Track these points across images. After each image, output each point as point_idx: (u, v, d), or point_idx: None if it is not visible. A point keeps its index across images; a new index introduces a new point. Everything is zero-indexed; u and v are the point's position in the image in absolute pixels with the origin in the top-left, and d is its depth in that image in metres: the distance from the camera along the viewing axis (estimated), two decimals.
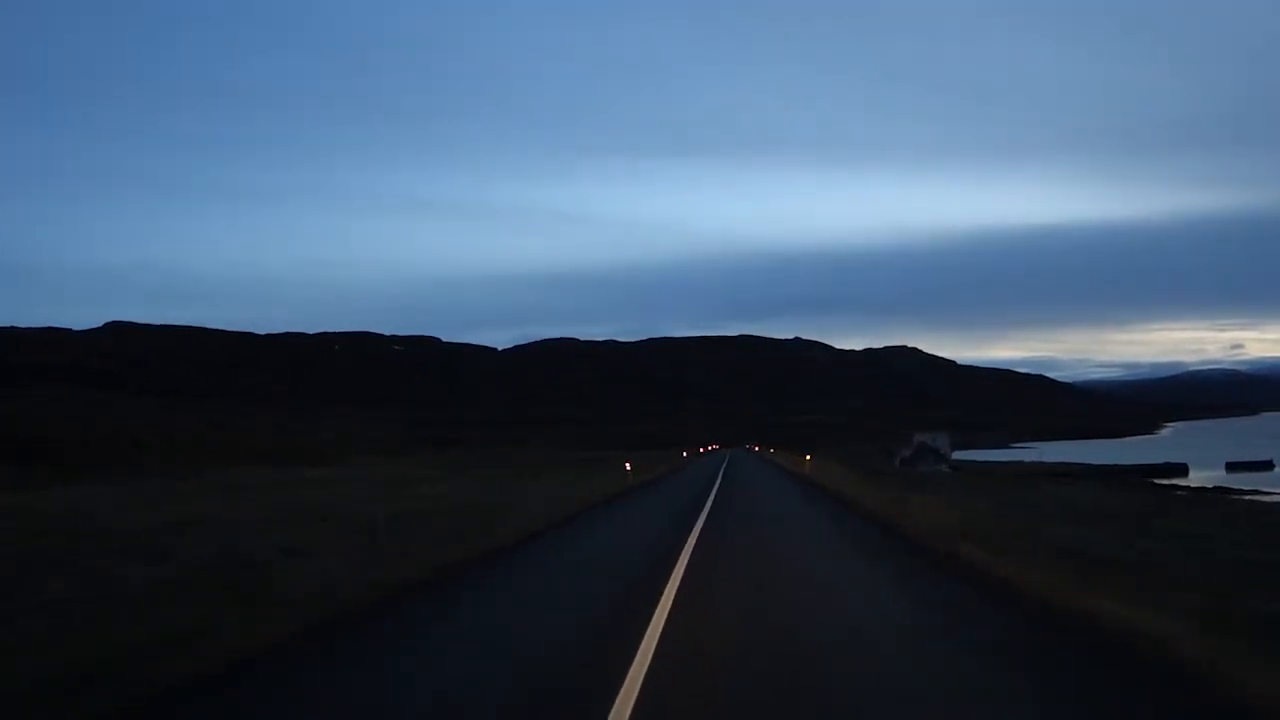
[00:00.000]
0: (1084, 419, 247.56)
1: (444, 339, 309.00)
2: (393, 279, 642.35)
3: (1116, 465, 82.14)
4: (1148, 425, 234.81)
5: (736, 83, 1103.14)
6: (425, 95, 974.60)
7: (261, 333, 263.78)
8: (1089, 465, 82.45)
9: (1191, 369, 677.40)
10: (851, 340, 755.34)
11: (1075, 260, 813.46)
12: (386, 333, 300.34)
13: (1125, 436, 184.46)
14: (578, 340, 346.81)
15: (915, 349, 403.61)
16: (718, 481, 37.54)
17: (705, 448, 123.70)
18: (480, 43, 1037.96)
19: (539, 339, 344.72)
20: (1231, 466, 75.83)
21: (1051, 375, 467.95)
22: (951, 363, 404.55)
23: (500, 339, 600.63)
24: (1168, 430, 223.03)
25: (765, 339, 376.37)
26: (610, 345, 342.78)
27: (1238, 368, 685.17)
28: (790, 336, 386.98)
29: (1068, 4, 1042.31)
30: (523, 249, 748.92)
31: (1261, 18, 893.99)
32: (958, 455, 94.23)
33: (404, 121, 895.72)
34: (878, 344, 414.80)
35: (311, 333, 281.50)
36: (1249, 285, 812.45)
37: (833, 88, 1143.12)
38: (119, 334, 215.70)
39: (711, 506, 24.47)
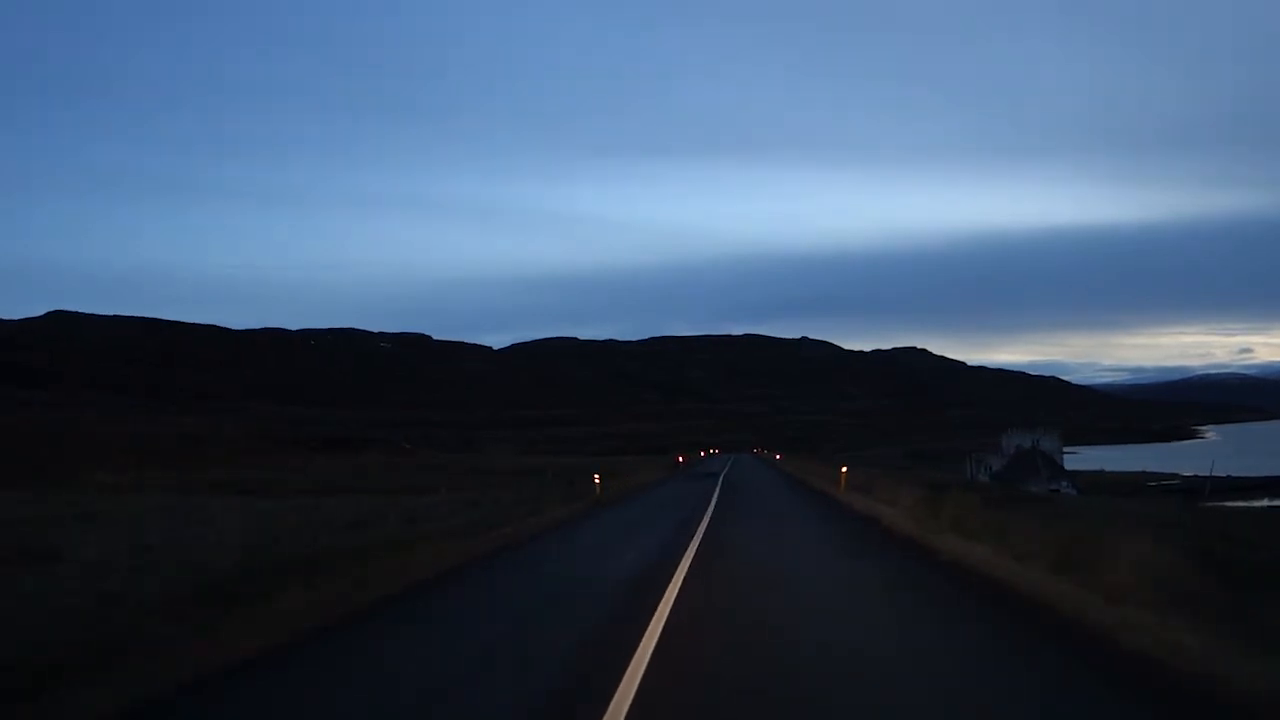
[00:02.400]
0: (1110, 422, 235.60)
1: (435, 337, 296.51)
2: (389, 280, 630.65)
3: (1221, 476, 67.10)
4: (1183, 429, 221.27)
5: (740, 83, 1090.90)
6: (424, 94, 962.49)
7: (239, 328, 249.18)
8: (1186, 476, 67.44)
9: (1199, 373, 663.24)
10: (859, 341, 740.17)
11: (1083, 263, 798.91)
12: (376, 331, 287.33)
13: (1168, 441, 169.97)
14: (577, 339, 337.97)
15: (924, 350, 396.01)
16: None
17: (701, 453, 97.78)
18: (478, 42, 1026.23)
19: (537, 339, 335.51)
20: None
21: (1062, 378, 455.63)
22: (961, 364, 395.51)
23: (499, 340, 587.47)
24: (1212, 435, 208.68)
25: (772, 339, 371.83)
26: (611, 345, 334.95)
27: (1246, 371, 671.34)
28: (797, 337, 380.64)
29: (1073, 5, 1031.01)
30: (523, 250, 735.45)
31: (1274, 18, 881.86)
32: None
33: (404, 121, 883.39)
34: (886, 345, 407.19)
35: (294, 329, 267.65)
36: (1257, 289, 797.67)
37: (840, 88, 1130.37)
38: (61, 324, 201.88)
39: None
